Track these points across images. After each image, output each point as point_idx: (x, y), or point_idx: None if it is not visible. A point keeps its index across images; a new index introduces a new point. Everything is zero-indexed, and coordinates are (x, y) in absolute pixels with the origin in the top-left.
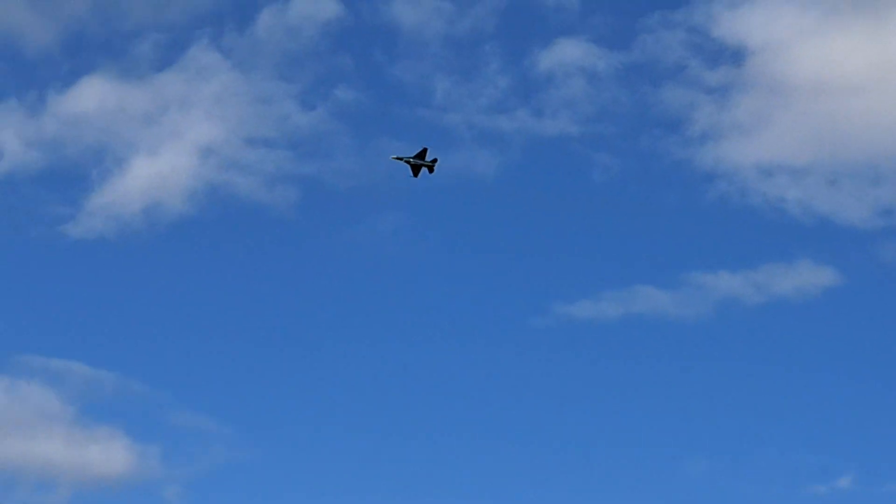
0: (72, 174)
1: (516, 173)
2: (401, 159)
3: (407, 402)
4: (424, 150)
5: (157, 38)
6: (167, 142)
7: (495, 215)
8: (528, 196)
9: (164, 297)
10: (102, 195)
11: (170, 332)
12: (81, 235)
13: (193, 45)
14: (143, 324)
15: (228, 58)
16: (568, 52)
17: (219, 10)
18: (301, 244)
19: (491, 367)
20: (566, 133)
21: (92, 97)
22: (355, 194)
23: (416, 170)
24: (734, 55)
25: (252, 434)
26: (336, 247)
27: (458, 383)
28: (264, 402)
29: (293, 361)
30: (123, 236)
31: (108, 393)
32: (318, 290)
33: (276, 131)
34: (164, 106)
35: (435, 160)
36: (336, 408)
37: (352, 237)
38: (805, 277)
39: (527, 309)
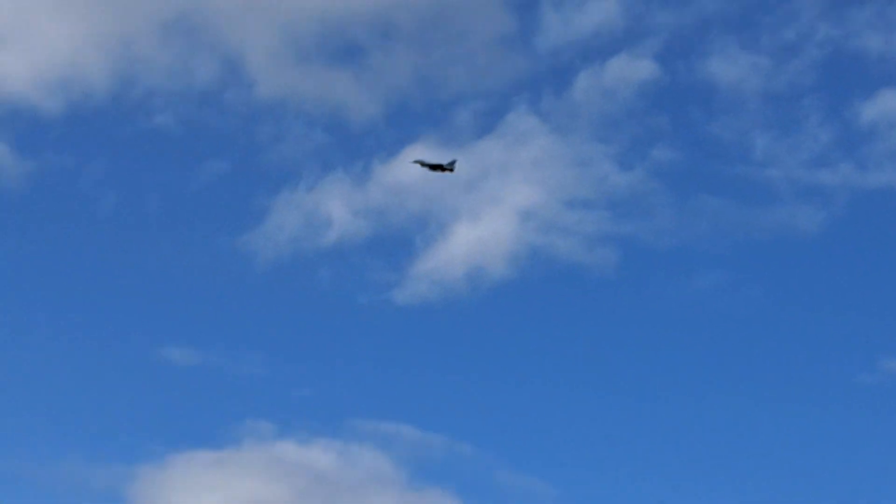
0: (397, 241)
1: (841, 228)
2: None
3: (730, 465)
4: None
5: (476, 105)
6: (488, 207)
7: (819, 271)
8: (854, 250)
9: (486, 359)
10: (426, 261)
11: (495, 394)
12: (407, 301)
13: (511, 111)
14: (469, 386)
15: (546, 122)
16: (891, 103)
17: (536, 75)
18: (622, 304)
19: (816, 424)
20: (892, 185)
21: (415, 166)
22: (675, 253)
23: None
24: None
25: (577, 494)
26: (657, 306)
27: (781, 441)
28: (587, 462)
29: (615, 422)
30: (447, 301)
31: (438, 455)
32: (640, 350)
33: (594, 192)
34: (484, 172)
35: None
36: (657, 470)
37: (672, 296)
38: None
39: (853, 365)
